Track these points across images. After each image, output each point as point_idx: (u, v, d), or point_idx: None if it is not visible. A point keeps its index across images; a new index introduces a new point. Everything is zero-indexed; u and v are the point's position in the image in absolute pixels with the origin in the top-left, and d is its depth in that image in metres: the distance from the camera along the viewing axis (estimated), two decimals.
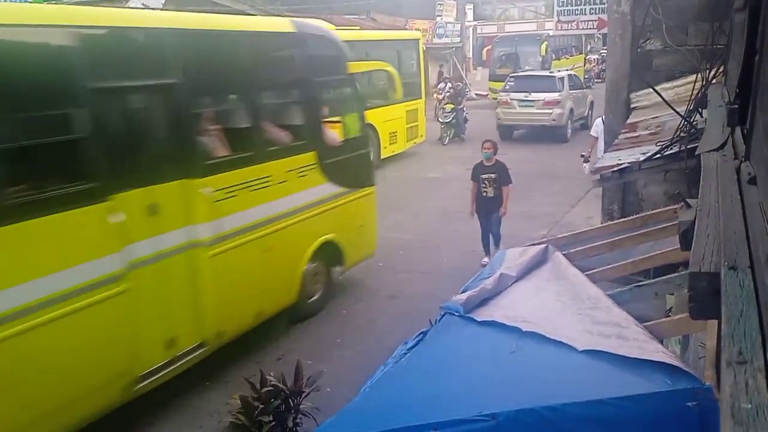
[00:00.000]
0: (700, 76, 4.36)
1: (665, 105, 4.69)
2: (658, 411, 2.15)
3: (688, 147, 3.71)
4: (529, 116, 17.72)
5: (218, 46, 5.53)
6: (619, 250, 3.55)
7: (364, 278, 7.68)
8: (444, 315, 3.23)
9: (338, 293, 7.18)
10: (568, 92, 18.08)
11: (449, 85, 19.47)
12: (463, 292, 3.34)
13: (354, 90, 7.41)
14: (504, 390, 2.53)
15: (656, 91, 4.93)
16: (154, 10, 9.04)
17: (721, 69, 4.36)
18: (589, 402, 2.20)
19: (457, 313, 3.14)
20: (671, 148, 4.04)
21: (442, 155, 16.12)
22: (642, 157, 4.23)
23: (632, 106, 6.22)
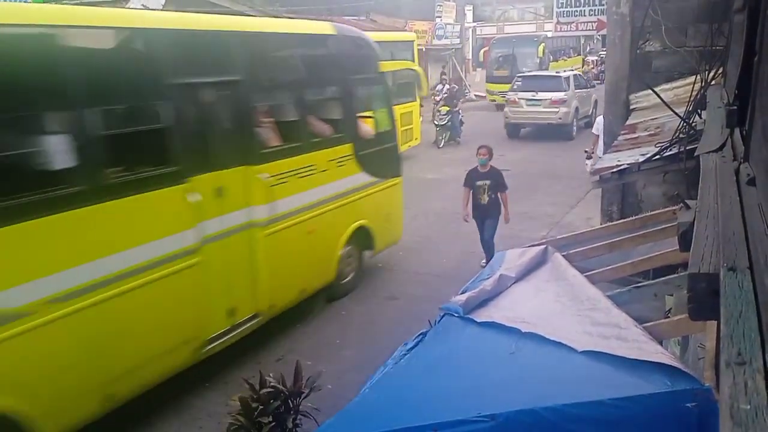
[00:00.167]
0: (699, 77, 4.36)
1: (664, 106, 4.68)
2: (658, 412, 2.16)
3: (688, 148, 3.71)
4: (536, 115, 18.39)
5: (274, 47, 6.27)
6: (619, 251, 3.55)
7: (364, 279, 7.68)
8: (443, 316, 3.23)
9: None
10: (574, 92, 18.65)
11: (447, 87, 19.41)
12: (462, 293, 3.34)
13: (384, 87, 8.16)
14: (503, 391, 2.53)
15: (655, 93, 4.92)
16: (154, 10, 9.07)
17: (720, 70, 4.36)
18: (589, 403, 2.20)
19: (456, 314, 3.14)
20: (670, 150, 4.03)
21: (438, 157, 16.06)
22: (641, 159, 4.22)
23: (631, 108, 6.21)
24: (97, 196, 4.30)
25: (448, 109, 17.76)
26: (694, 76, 4.51)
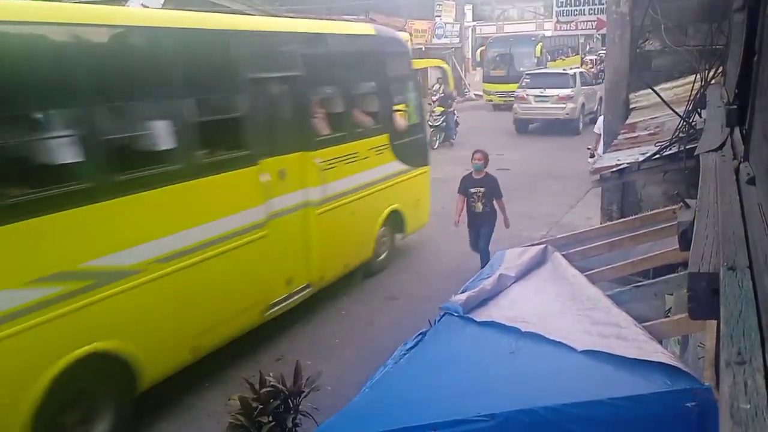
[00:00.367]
0: (699, 76, 4.35)
1: (664, 105, 4.68)
2: (657, 411, 2.16)
3: (687, 147, 3.71)
4: (544, 110, 19.30)
5: (327, 46, 7.01)
6: (619, 250, 3.55)
7: (364, 279, 7.68)
8: (443, 315, 3.24)
9: (338, 293, 7.19)
10: (580, 88, 19.54)
11: (443, 87, 19.30)
12: (462, 293, 3.34)
13: (415, 83, 8.84)
14: (503, 390, 2.53)
15: (655, 92, 4.92)
16: (154, 9, 9.07)
17: (720, 69, 4.36)
18: (588, 402, 2.20)
19: (456, 314, 3.14)
20: (670, 149, 4.03)
21: (435, 158, 15.87)
22: (641, 158, 4.22)
23: (631, 107, 6.21)
24: (191, 173, 4.97)
25: (443, 109, 17.62)
26: (694, 76, 4.50)
